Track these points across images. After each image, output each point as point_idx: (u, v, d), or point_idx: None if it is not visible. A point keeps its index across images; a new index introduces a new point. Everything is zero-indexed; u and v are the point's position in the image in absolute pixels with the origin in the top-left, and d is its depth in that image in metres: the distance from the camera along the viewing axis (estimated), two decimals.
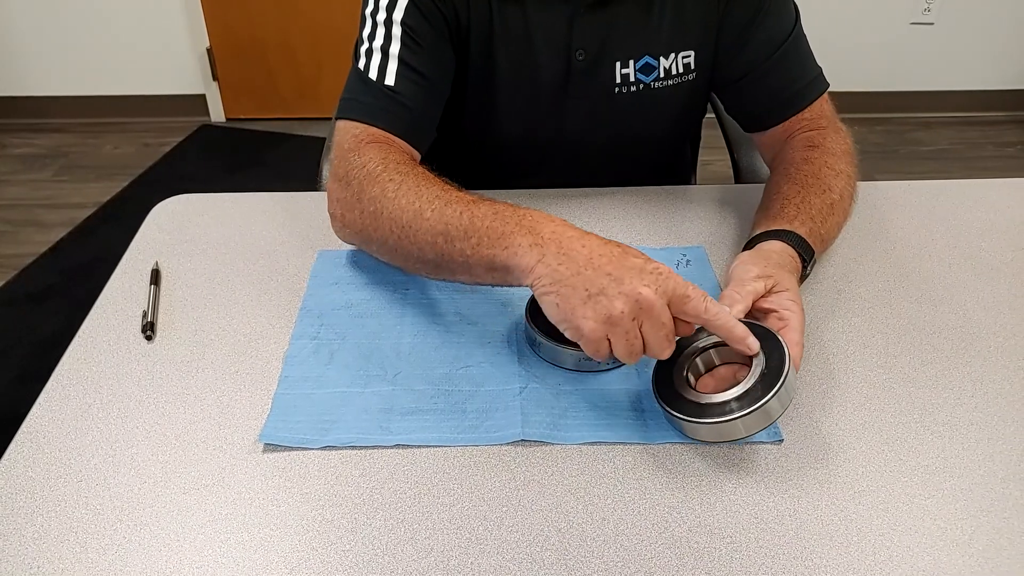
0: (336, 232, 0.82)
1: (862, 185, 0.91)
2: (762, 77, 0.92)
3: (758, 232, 0.78)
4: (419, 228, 0.70)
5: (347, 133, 0.83)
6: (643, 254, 0.62)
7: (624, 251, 0.62)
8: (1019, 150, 2.81)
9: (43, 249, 2.23)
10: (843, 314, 0.78)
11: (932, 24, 2.79)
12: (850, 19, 2.77)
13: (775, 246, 0.75)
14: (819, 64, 0.94)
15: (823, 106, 0.93)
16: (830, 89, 0.94)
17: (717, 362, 0.67)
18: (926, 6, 2.75)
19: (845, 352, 0.73)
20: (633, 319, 0.59)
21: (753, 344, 0.62)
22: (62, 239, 2.28)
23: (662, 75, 0.94)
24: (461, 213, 0.68)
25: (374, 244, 0.77)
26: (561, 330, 0.62)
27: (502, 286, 0.68)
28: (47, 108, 2.89)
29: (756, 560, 0.55)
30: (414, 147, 0.85)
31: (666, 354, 0.61)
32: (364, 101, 0.85)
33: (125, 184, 2.55)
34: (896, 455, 0.63)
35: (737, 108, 0.99)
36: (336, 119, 0.86)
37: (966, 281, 0.83)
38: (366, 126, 0.83)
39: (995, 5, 2.76)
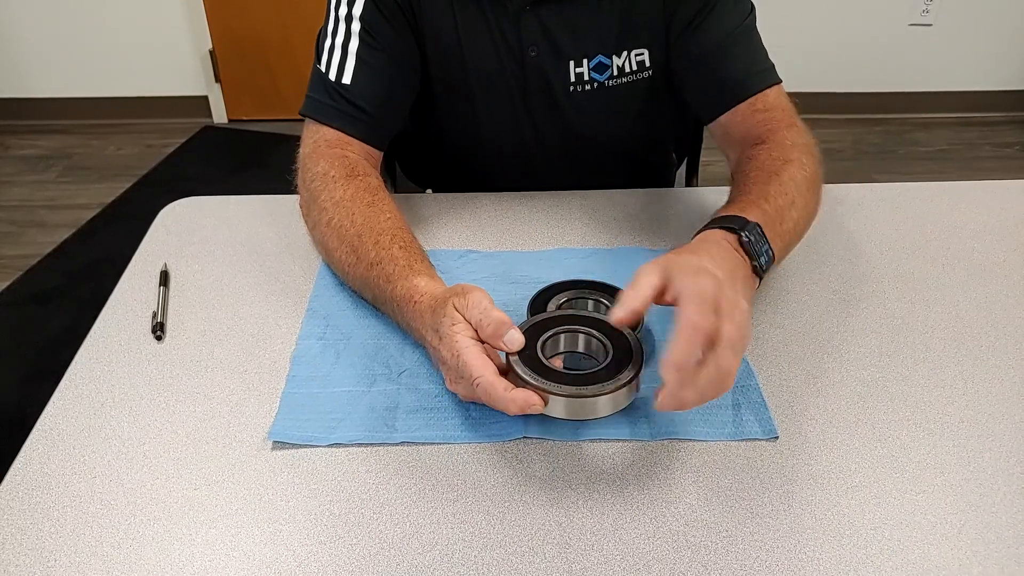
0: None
1: (856, 187, 0.92)
2: (711, 64, 0.90)
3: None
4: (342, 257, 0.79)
5: (308, 136, 0.89)
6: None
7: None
8: (1017, 150, 2.82)
9: (47, 250, 2.25)
10: (838, 313, 0.79)
11: (930, 25, 2.81)
12: (849, 20, 2.78)
13: (706, 236, 0.72)
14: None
15: (779, 99, 0.90)
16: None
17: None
18: (924, 7, 2.77)
19: (839, 350, 0.75)
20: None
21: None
22: (66, 240, 2.29)
23: (615, 73, 0.94)
24: (372, 245, 0.76)
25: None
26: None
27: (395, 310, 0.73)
28: (51, 110, 2.91)
29: (751, 554, 0.56)
30: (371, 146, 0.90)
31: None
32: (322, 101, 0.89)
33: (128, 185, 2.56)
34: (888, 452, 0.64)
35: (691, 97, 0.96)
36: (300, 113, 0.90)
37: (959, 281, 0.84)
38: (323, 127, 0.88)
39: (993, 6, 2.78)
